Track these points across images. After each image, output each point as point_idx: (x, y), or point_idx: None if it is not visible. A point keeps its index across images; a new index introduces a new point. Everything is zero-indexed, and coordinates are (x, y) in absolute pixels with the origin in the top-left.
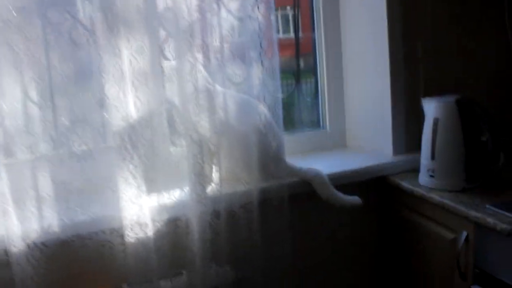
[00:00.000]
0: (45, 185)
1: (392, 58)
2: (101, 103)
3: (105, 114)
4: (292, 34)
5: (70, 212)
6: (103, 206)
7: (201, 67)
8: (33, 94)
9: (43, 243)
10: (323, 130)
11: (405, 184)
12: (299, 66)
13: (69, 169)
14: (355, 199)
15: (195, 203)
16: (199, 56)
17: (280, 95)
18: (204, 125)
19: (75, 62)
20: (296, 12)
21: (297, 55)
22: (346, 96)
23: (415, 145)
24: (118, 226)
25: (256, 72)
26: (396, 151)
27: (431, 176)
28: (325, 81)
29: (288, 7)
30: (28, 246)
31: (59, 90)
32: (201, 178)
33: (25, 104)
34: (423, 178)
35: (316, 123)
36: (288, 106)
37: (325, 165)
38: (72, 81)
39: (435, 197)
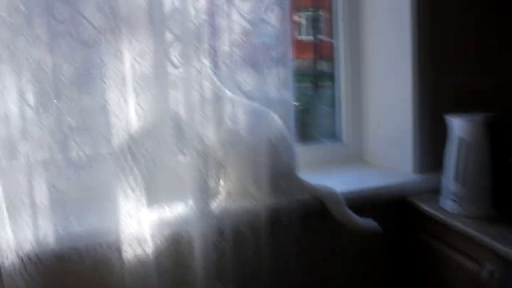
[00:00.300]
0: (41, 193)
1: (416, 68)
2: (101, 109)
3: (104, 121)
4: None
5: (66, 223)
6: (101, 218)
7: (210, 73)
8: (30, 97)
9: (37, 256)
10: (340, 143)
11: (425, 207)
12: (317, 72)
13: (66, 178)
14: (371, 223)
15: (198, 220)
16: (207, 62)
17: (293, 105)
18: (210, 136)
19: (75, 64)
20: (316, 15)
21: (316, 61)
22: (365, 106)
23: (438, 163)
24: (115, 241)
25: (269, 80)
26: (416, 169)
27: (454, 200)
28: (343, 89)
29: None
30: (21, 258)
31: (57, 94)
32: (205, 194)
33: (21, 108)
34: (446, 202)
35: (332, 134)
36: (304, 114)
37: (340, 181)
38: (71, 85)
39: (458, 224)
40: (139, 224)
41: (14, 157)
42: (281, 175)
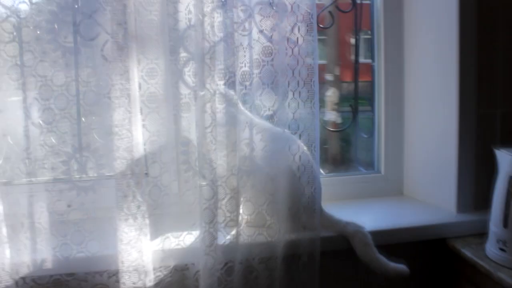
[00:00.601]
0: (41, 215)
1: (462, 95)
2: (106, 130)
3: (108, 142)
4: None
5: (66, 248)
6: (102, 245)
7: (227, 94)
8: (35, 115)
9: (33, 280)
10: (377, 174)
11: (468, 254)
12: (357, 98)
13: (68, 200)
14: (401, 268)
15: (204, 253)
16: (222, 83)
17: (317, 131)
18: (222, 163)
19: (82, 82)
20: (357, 37)
21: (356, 86)
22: (406, 135)
23: (485, 203)
24: (115, 270)
25: (291, 104)
26: (460, 208)
27: (502, 249)
28: (382, 116)
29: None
30: (17, 283)
31: (62, 113)
32: (212, 225)
33: (25, 127)
34: (491, 249)
35: (370, 164)
36: (342, 141)
37: (373, 216)
38: (77, 104)
39: (505, 278)
40: (141, 254)
41: (16, 176)
42: (302, 208)
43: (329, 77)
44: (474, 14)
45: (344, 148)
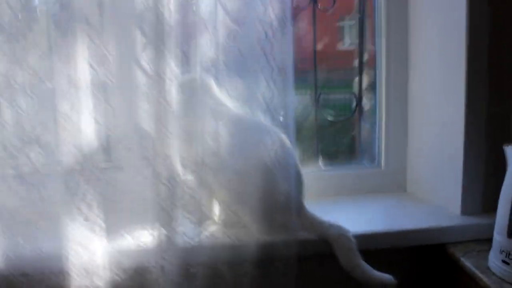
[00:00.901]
0: None
1: (470, 84)
2: (54, 123)
3: (57, 136)
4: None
5: (16, 246)
6: (53, 243)
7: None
8: None
9: None
10: (376, 168)
11: (467, 263)
12: (361, 85)
13: (18, 196)
14: (387, 279)
15: (160, 258)
16: (184, 70)
17: (292, 122)
18: (183, 156)
19: (28, 70)
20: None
21: (360, 71)
22: (411, 127)
23: (494, 205)
24: (66, 270)
25: (265, 94)
26: (465, 210)
27: (505, 262)
28: (383, 105)
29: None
30: None
31: (10, 103)
32: (169, 229)
33: None
34: (494, 260)
35: (371, 156)
36: (345, 132)
37: (364, 217)
38: (23, 93)
39: None
40: (93, 255)
41: None
42: (278, 207)
43: None
44: (485, 4)
45: (348, 139)
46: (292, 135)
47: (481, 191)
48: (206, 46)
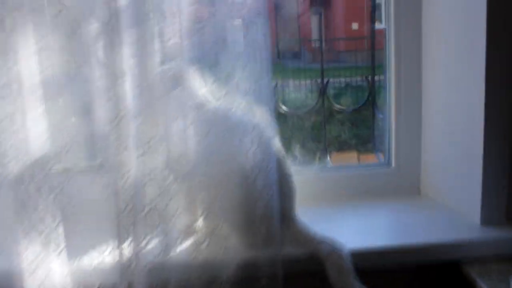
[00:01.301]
0: None
1: (490, 75)
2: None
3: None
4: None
5: None
6: (8, 261)
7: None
8: None
9: None
10: (387, 167)
11: (484, 286)
12: (373, 70)
13: None
14: None
15: (119, 276)
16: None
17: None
18: (145, 162)
19: None
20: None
21: (373, 57)
22: (425, 119)
23: None
24: None
25: (240, 85)
26: (486, 219)
27: None
28: (393, 95)
29: None
30: None
31: None
32: (126, 246)
33: None
34: None
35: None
36: (358, 123)
37: (367, 228)
38: None
39: None
40: (48, 274)
41: None
42: (259, 219)
43: None
44: None
45: (360, 131)
46: (273, 131)
47: (504, 197)
48: (173, 33)
